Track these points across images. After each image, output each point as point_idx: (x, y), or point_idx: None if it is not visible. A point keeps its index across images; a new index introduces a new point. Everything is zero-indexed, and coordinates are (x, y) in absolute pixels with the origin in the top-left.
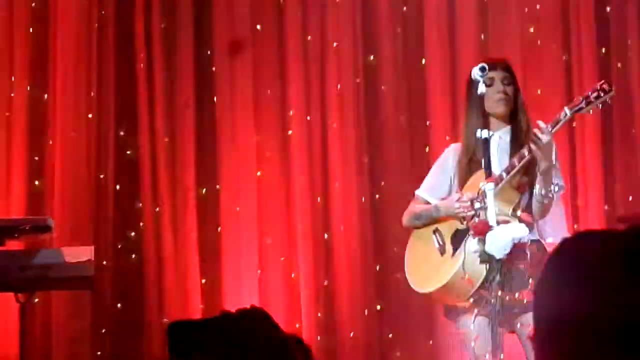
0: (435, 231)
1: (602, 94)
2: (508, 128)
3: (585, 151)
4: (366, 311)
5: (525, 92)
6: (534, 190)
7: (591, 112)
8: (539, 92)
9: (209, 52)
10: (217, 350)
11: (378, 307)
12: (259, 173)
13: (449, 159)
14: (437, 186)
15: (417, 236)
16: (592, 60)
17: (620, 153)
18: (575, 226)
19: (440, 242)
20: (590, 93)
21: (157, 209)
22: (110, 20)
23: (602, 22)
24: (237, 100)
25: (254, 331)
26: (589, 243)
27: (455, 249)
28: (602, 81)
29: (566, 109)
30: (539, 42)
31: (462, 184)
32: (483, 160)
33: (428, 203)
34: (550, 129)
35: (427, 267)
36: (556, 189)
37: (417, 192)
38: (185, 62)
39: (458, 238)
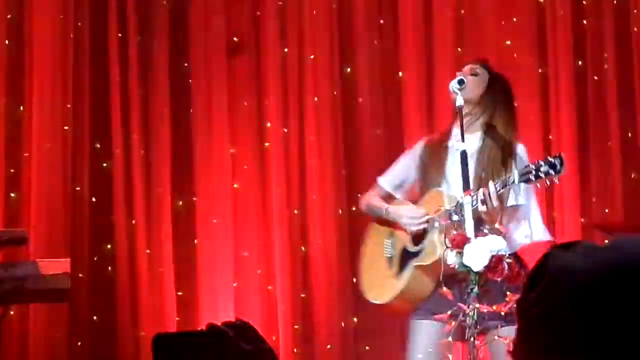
0: (391, 235)
1: (551, 171)
2: (478, 135)
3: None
4: (343, 324)
5: None
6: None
7: (539, 186)
8: (515, 104)
9: (185, 65)
10: None
11: (355, 320)
12: (235, 185)
13: (416, 153)
14: (397, 178)
15: (375, 230)
16: (568, 73)
17: (596, 165)
18: (552, 239)
19: (391, 253)
20: (542, 163)
21: (133, 221)
22: (85, 33)
23: (578, 34)
24: (213, 113)
25: (240, 344)
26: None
27: (401, 267)
28: (558, 155)
29: (515, 174)
30: (515, 55)
31: (422, 186)
32: (461, 174)
33: (388, 193)
34: (494, 199)
35: (374, 274)
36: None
37: (379, 179)
38: (161, 74)
39: (404, 257)
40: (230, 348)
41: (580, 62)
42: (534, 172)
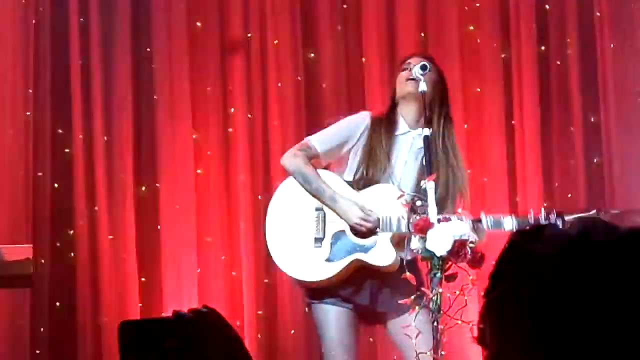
0: (318, 210)
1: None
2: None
3: (524, 148)
4: (306, 309)
5: (464, 90)
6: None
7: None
8: (478, 90)
9: (148, 49)
10: (171, 349)
11: None
12: (199, 171)
13: (360, 126)
14: (332, 144)
15: (299, 191)
16: (531, 58)
17: (559, 150)
18: None
19: (320, 231)
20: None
21: (96, 207)
22: (46, 18)
23: (541, 19)
24: (176, 98)
25: (207, 330)
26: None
27: (333, 252)
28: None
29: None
30: (478, 40)
31: (361, 163)
32: (424, 159)
33: (316, 156)
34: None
35: (297, 249)
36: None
37: (309, 138)
38: (123, 59)
39: (340, 243)
40: (197, 335)
41: (543, 47)
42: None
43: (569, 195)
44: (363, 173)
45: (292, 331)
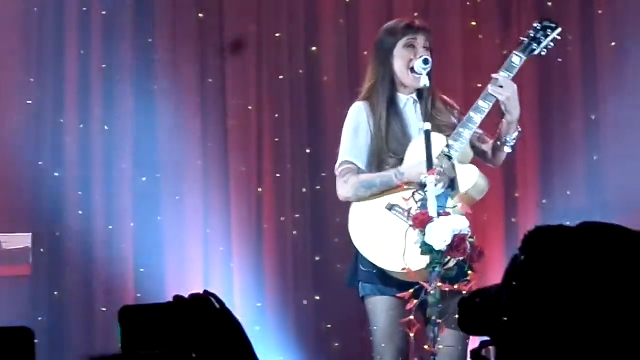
0: (389, 208)
1: (549, 31)
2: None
3: (524, 143)
4: (305, 301)
5: (465, 86)
6: (500, 140)
7: (543, 54)
8: (479, 85)
9: (149, 40)
10: (172, 334)
11: (317, 298)
12: (199, 162)
13: (362, 120)
14: (362, 150)
15: (367, 212)
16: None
17: (558, 147)
18: (513, 219)
19: (406, 217)
20: (533, 32)
21: (95, 196)
22: (48, 6)
23: (542, 16)
24: (179, 88)
25: (208, 315)
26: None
27: None
28: (542, 18)
29: (517, 53)
30: (480, 36)
31: (381, 153)
32: (425, 153)
33: (358, 168)
34: (509, 77)
35: (399, 244)
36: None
37: (344, 158)
38: (125, 49)
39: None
40: (198, 319)
41: None
42: (531, 41)
43: (568, 192)
44: (389, 155)
45: (289, 323)
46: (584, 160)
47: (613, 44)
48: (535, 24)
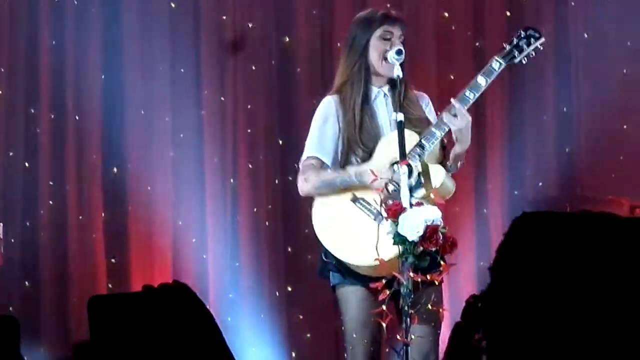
0: (354, 200)
1: (532, 40)
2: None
3: (495, 135)
4: (277, 293)
5: (438, 78)
6: (447, 162)
7: (524, 62)
8: (452, 77)
9: (121, 31)
10: (141, 322)
11: (289, 289)
12: (171, 154)
13: (331, 114)
14: (329, 145)
15: (330, 205)
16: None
17: (531, 139)
18: (485, 210)
19: (373, 210)
20: (516, 40)
21: (66, 187)
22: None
23: (516, 9)
24: (148, 79)
25: (178, 304)
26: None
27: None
28: (526, 27)
29: (498, 58)
30: (453, 27)
31: (352, 145)
32: (398, 143)
33: (325, 166)
34: (464, 110)
35: (364, 238)
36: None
37: (309, 154)
38: (96, 40)
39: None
40: (167, 309)
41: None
42: (512, 49)
43: (540, 184)
44: (360, 147)
45: (262, 315)
46: (557, 151)
47: (586, 35)
48: (519, 32)
